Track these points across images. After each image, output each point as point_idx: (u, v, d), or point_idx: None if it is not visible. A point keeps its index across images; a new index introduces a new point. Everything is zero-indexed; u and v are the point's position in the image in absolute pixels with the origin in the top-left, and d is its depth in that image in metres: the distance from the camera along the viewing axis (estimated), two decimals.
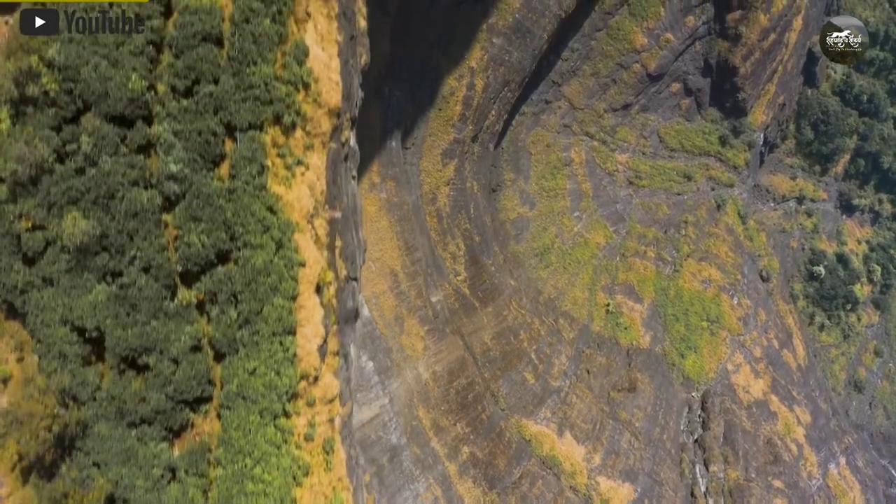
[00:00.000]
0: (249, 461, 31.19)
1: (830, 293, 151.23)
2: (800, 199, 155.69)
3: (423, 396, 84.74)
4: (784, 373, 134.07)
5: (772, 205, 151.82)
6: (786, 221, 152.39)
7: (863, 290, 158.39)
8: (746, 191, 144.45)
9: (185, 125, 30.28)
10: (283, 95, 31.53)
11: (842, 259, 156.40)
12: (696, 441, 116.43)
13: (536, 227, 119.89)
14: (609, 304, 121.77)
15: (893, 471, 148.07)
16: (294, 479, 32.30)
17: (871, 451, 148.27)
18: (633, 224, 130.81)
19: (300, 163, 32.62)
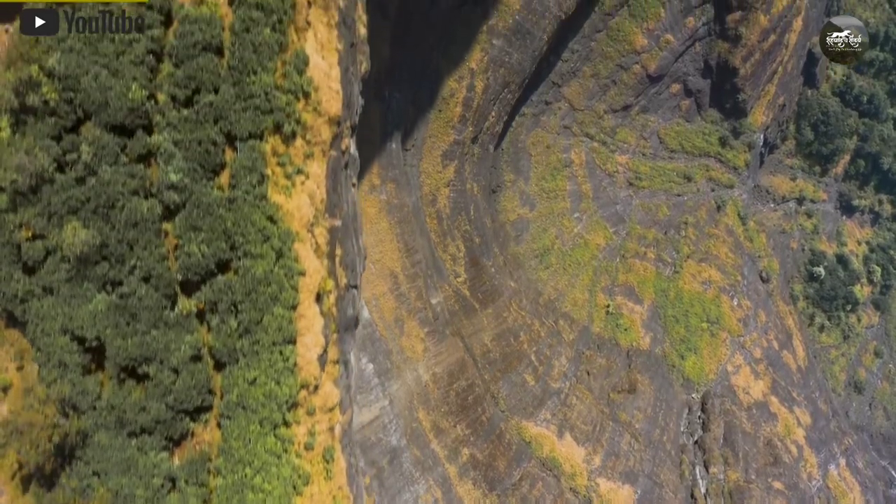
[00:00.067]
0: (249, 471, 31.17)
1: (830, 294, 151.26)
2: (800, 200, 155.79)
3: (423, 398, 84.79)
4: (784, 374, 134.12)
5: (772, 206, 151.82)
6: (786, 222, 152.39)
7: (863, 291, 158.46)
8: (746, 192, 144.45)
9: (186, 135, 30.24)
10: (284, 104, 31.46)
11: (842, 260, 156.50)
12: (696, 442, 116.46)
13: (536, 229, 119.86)
14: (609, 306, 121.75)
15: (893, 472, 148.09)
16: (294, 489, 32.28)
17: (871, 452, 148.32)
18: (633, 225, 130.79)
19: (300, 171, 32.56)
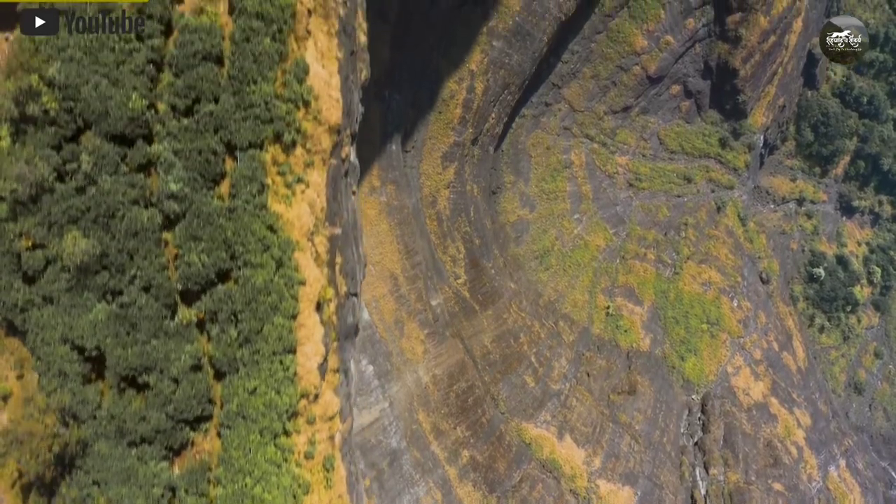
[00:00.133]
0: (250, 480, 31.12)
1: (830, 295, 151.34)
2: (800, 201, 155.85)
3: (423, 400, 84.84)
4: (784, 375, 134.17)
5: (772, 206, 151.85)
6: (786, 223, 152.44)
7: (863, 292, 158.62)
8: (746, 193, 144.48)
9: (186, 144, 30.17)
10: (284, 114, 31.38)
11: (842, 261, 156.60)
12: (696, 444, 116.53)
13: (536, 230, 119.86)
14: (609, 307, 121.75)
15: (893, 473, 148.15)
16: (294, 498, 32.24)
17: (871, 453, 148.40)
18: (633, 226, 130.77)
19: (300, 180, 32.52)
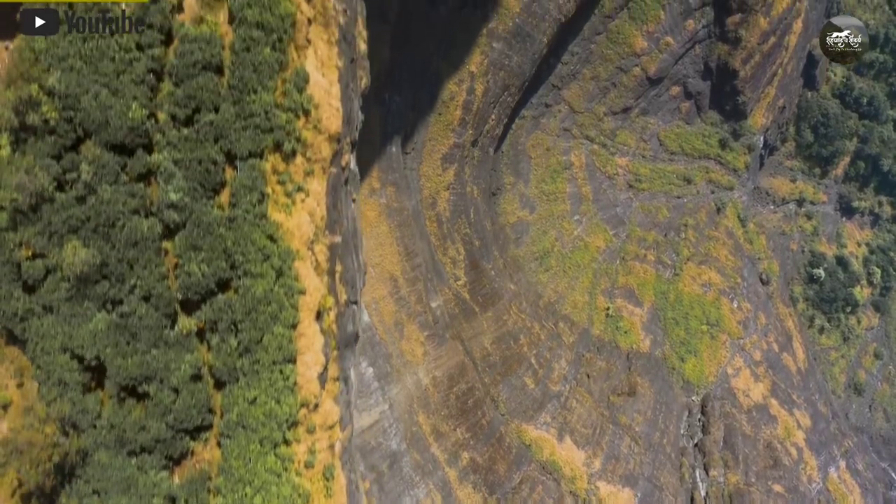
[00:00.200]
0: (250, 490, 31.09)
1: (830, 296, 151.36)
2: (800, 202, 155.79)
3: (423, 402, 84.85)
4: (784, 376, 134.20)
5: (772, 207, 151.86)
6: (786, 224, 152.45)
7: (862, 293, 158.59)
8: (746, 193, 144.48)
9: (186, 154, 30.14)
10: (284, 123, 31.35)
11: (842, 261, 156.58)
12: (696, 445, 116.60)
13: (536, 231, 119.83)
14: (609, 308, 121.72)
15: (893, 474, 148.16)
16: None
17: (871, 454, 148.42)
18: (633, 227, 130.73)
19: (300, 189, 32.50)
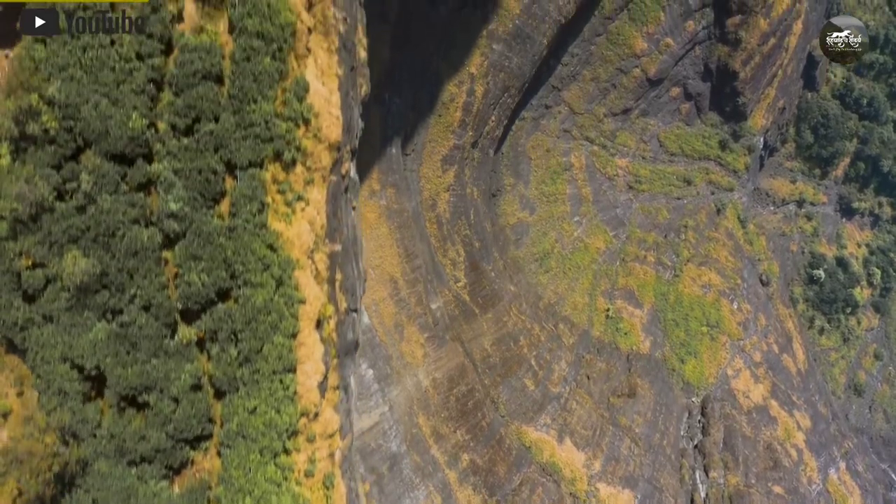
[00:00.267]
0: (250, 500, 31.05)
1: (830, 297, 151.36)
2: (800, 203, 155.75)
3: (423, 404, 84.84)
4: (784, 377, 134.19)
5: (772, 208, 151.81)
6: (785, 225, 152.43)
7: (862, 294, 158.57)
8: (746, 195, 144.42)
9: (186, 163, 30.13)
10: (284, 132, 31.32)
11: (841, 262, 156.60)
12: (696, 447, 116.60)
13: (536, 232, 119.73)
14: (609, 310, 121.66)
15: (893, 475, 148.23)
16: None
17: (871, 455, 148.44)
18: (633, 229, 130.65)
19: (300, 198, 32.47)
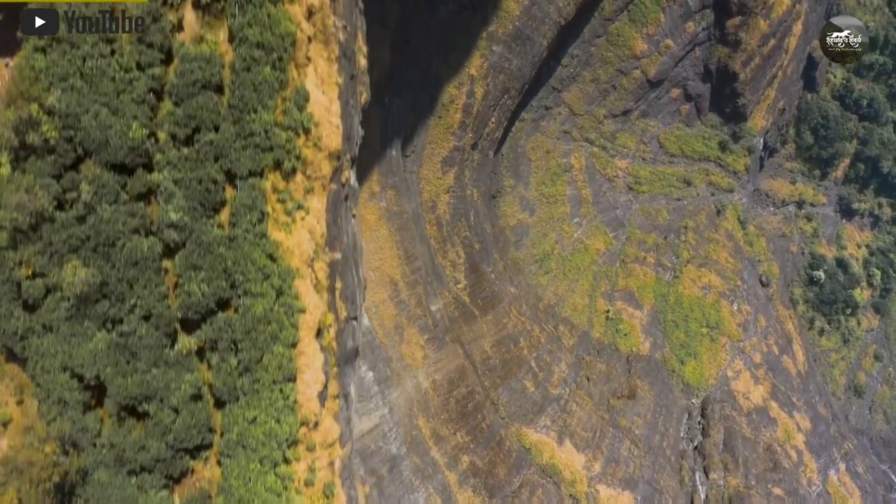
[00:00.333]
0: None
1: (830, 298, 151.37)
2: (799, 204, 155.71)
3: (423, 406, 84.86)
4: (784, 379, 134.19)
5: (771, 209, 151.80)
6: (785, 226, 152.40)
7: (862, 295, 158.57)
8: (746, 196, 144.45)
9: (186, 173, 30.12)
10: (284, 141, 31.28)
11: (841, 263, 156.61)
12: (696, 448, 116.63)
13: (536, 234, 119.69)
14: (609, 311, 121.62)
15: (893, 476, 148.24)
16: None
17: (871, 457, 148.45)
18: (633, 230, 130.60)
19: (300, 207, 32.45)
